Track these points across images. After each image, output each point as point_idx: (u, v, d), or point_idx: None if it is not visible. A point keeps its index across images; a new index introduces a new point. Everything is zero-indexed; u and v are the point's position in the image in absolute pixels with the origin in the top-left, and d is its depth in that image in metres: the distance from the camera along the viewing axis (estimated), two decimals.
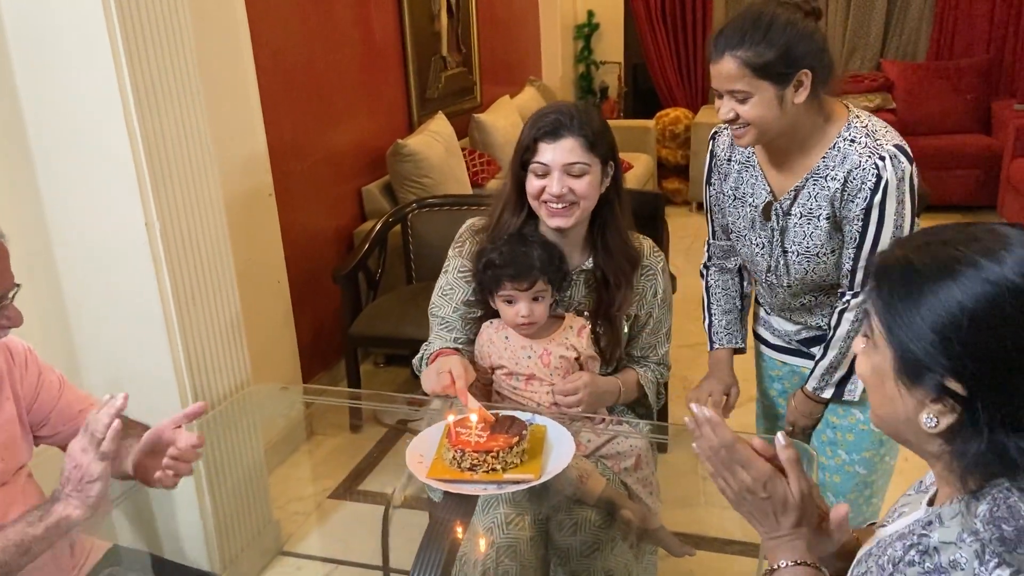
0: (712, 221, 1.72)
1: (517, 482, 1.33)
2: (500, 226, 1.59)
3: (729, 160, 1.62)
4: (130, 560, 1.50)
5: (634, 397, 1.68)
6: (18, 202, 1.89)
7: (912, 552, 0.79)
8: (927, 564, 0.77)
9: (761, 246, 1.58)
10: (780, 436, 0.95)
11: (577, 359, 1.58)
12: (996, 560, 0.73)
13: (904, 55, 5.80)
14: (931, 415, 0.78)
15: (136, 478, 1.37)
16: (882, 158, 1.41)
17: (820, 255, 1.51)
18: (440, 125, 3.78)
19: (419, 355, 1.66)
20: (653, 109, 5.99)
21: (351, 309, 2.97)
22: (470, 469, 1.33)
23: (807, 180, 1.49)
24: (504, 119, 4.43)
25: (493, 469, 1.32)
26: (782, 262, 1.56)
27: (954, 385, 0.76)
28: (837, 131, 1.46)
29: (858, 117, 1.47)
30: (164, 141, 1.86)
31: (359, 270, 3.02)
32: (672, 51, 6.16)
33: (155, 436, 1.31)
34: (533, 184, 1.52)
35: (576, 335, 1.58)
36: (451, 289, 1.64)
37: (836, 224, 1.49)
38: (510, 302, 1.54)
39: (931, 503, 0.89)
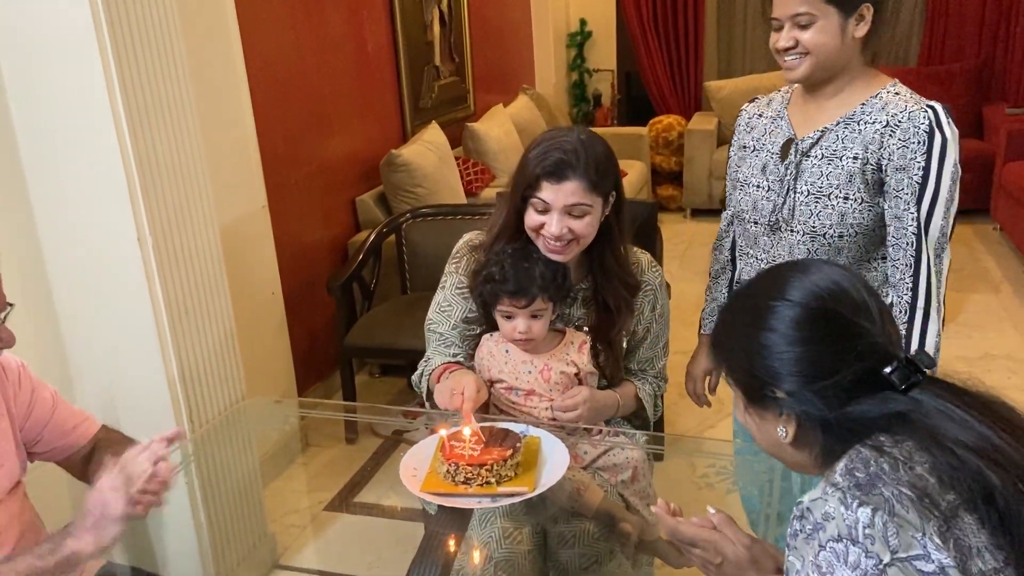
0: (728, 189, 1.74)
1: (511, 495, 1.32)
2: (495, 251, 1.57)
3: (760, 115, 1.64)
4: None
5: (632, 410, 1.68)
6: (10, 218, 1.88)
7: (795, 523, 0.89)
8: (806, 526, 0.87)
9: (767, 188, 1.57)
10: (709, 508, 1.11)
11: (577, 374, 1.58)
12: (857, 501, 0.84)
13: (895, 60, 5.83)
14: (781, 427, 0.96)
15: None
16: (932, 108, 1.42)
17: (831, 197, 1.50)
18: (433, 134, 3.79)
19: (419, 372, 1.64)
20: (646, 116, 6.00)
21: (346, 320, 2.96)
22: (464, 482, 1.32)
23: (838, 124, 1.49)
24: (498, 128, 4.44)
25: (487, 482, 1.32)
26: (788, 203, 1.54)
27: (779, 392, 0.94)
28: (882, 85, 1.48)
29: (902, 86, 1.50)
30: (156, 154, 1.86)
31: (353, 280, 3.02)
32: (665, 58, 6.18)
33: (121, 469, 1.26)
34: (533, 218, 1.50)
35: (577, 351, 1.58)
36: (449, 306, 1.64)
37: (865, 170, 1.47)
38: (509, 317, 1.53)
39: None
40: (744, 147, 1.66)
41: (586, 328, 1.61)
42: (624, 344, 1.64)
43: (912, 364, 0.91)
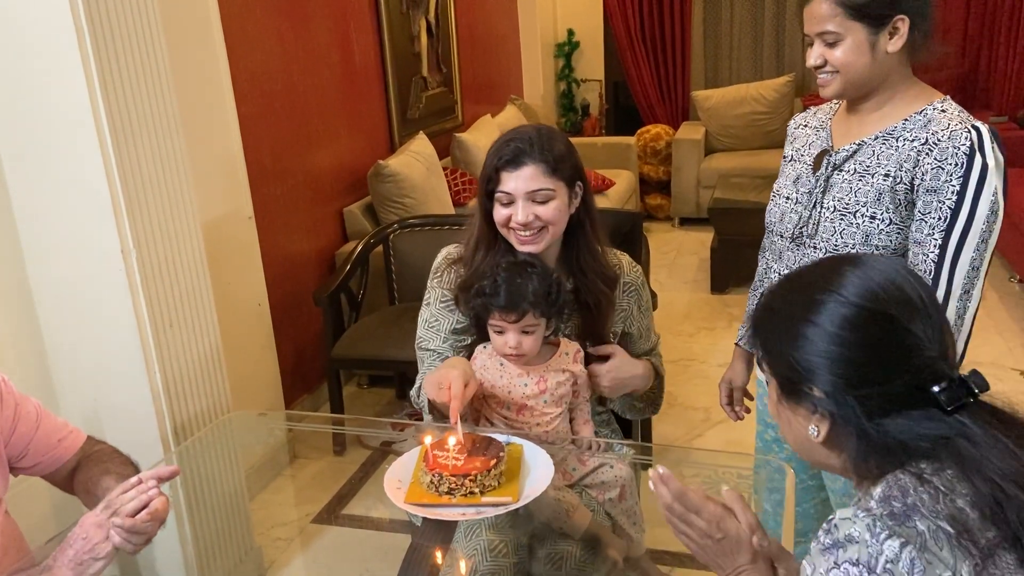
0: None
1: (495, 505, 1.32)
2: (476, 263, 1.57)
3: (805, 125, 1.59)
4: None
5: (649, 385, 1.67)
6: None
7: (820, 534, 0.87)
8: (827, 540, 0.85)
9: (796, 200, 1.52)
10: (724, 489, 1.06)
11: (574, 385, 1.56)
12: (887, 532, 0.80)
13: None
14: (813, 426, 0.92)
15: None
16: (976, 129, 1.33)
17: (857, 215, 1.42)
18: (421, 145, 3.79)
19: (416, 386, 1.64)
20: (634, 126, 6.04)
21: (333, 331, 2.96)
22: (448, 493, 1.32)
23: (876, 138, 1.42)
24: (486, 138, 4.45)
25: (471, 492, 1.31)
26: (813, 218, 1.48)
27: (816, 390, 0.90)
28: (928, 101, 1.40)
29: (951, 103, 1.41)
30: (140, 167, 1.85)
31: (341, 291, 3.02)
32: (652, 69, 6.22)
33: (107, 506, 1.23)
34: (500, 213, 1.51)
35: (572, 360, 1.57)
36: (436, 321, 1.63)
37: (896, 189, 1.39)
38: (500, 332, 1.51)
39: None
40: (785, 157, 1.61)
41: (568, 333, 1.61)
42: (615, 341, 1.65)
43: (964, 385, 0.86)
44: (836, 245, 1.45)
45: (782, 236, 1.55)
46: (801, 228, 1.50)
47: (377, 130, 3.86)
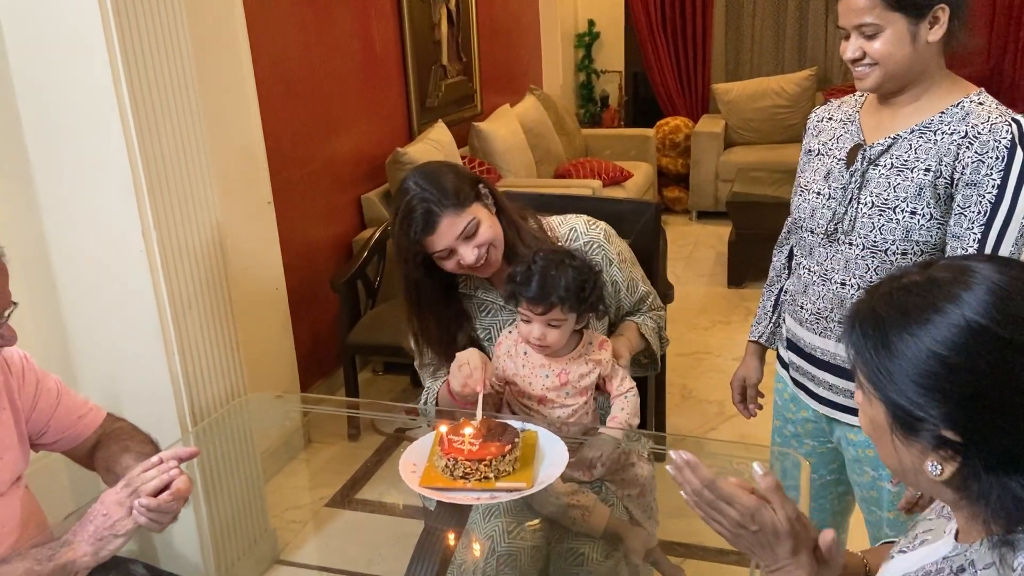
0: (792, 194, 1.64)
1: (509, 490, 1.33)
2: (433, 337, 1.58)
3: (830, 118, 1.55)
4: (124, 570, 1.49)
5: (642, 347, 1.67)
6: (16, 214, 1.89)
7: (947, 562, 0.77)
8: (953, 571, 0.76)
9: (828, 196, 1.47)
10: (756, 466, 0.95)
11: (599, 377, 1.54)
12: None
13: None
14: (935, 463, 0.78)
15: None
16: (1017, 122, 1.30)
17: (897, 211, 1.38)
18: (440, 133, 3.79)
19: (423, 400, 1.65)
20: (653, 118, 6.00)
21: (349, 317, 2.97)
22: (462, 477, 1.32)
23: (912, 132, 1.38)
24: (504, 127, 4.45)
25: (486, 477, 1.32)
26: (850, 214, 1.43)
27: (949, 434, 0.76)
28: (965, 93, 1.37)
29: (987, 96, 1.38)
30: (161, 150, 1.87)
31: (358, 278, 3.03)
32: (672, 60, 6.17)
33: (127, 483, 1.25)
34: (447, 265, 1.52)
35: (598, 349, 1.54)
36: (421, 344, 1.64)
37: (937, 184, 1.36)
38: (527, 321, 1.49)
39: (957, 536, 0.86)
40: (809, 151, 1.56)
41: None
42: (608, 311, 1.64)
43: None
44: (875, 241, 1.41)
45: (813, 232, 1.51)
46: (836, 224, 1.45)
47: (396, 117, 3.86)
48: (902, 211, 1.38)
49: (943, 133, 1.36)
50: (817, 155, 1.53)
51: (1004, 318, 0.73)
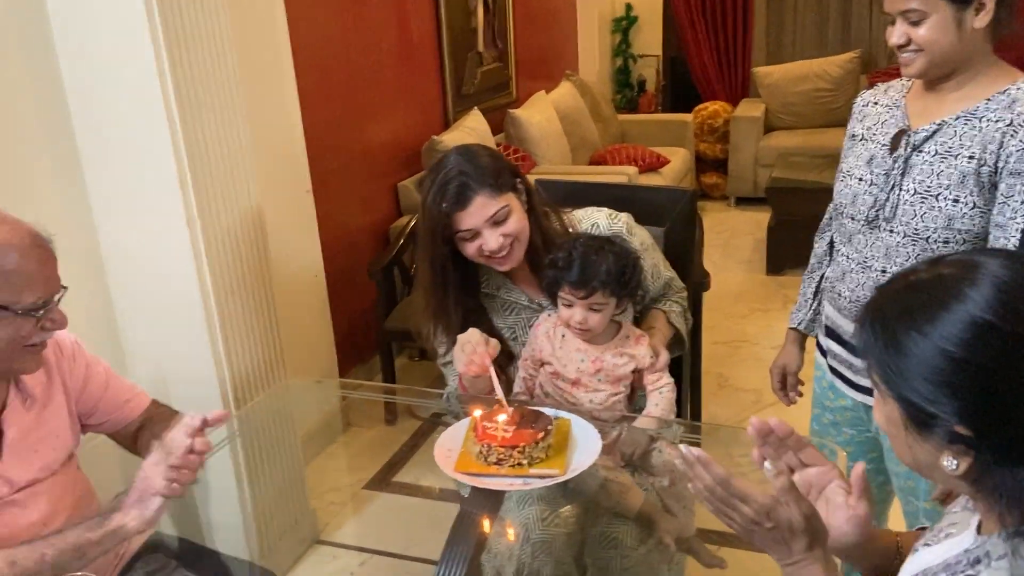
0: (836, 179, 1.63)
1: (543, 477, 1.34)
2: (449, 317, 1.57)
3: (875, 103, 1.53)
4: (169, 548, 1.55)
5: (671, 334, 1.68)
6: (67, 204, 1.96)
7: (963, 555, 0.78)
8: (966, 567, 0.77)
9: (870, 182, 1.46)
10: (768, 465, 0.96)
11: (633, 370, 1.55)
12: None
13: None
14: (950, 458, 0.79)
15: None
16: None
17: (939, 198, 1.37)
18: (475, 121, 3.80)
19: (444, 395, 1.68)
20: (691, 103, 5.93)
21: (386, 304, 3.01)
22: (496, 463, 1.34)
23: (958, 118, 1.37)
24: (540, 114, 4.44)
25: (519, 464, 1.34)
26: (892, 200, 1.42)
27: (961, 429, 0.76)
28: (1012, 81, 1.35)
29: None
30: (205, 144, 1.91)
31: (394, 265, 3.06)
32: (712, 44, 6.09)
33: (163, 446, 1.28)
34: (468, 248, 1.51)
35: (634, 343, 1.56)
36: (443, 342, 1.65)
37: (981, 172, 1.34)
38: (568, 305, 1.51)
39: (979, 529, 0.86)
40: (853, 136, 1.54)
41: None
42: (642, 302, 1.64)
43: None
44: (916, 228, 1.40)
45: (853, 218, 1.49)
46: (877, 211, 1.44)
47: (432, 105, 3.88)
48: (945, 199, 1.37)
49: (988, 120, 1.34)
50: (861, 140, 1.52)
51: (1009, 313, 0.74)
